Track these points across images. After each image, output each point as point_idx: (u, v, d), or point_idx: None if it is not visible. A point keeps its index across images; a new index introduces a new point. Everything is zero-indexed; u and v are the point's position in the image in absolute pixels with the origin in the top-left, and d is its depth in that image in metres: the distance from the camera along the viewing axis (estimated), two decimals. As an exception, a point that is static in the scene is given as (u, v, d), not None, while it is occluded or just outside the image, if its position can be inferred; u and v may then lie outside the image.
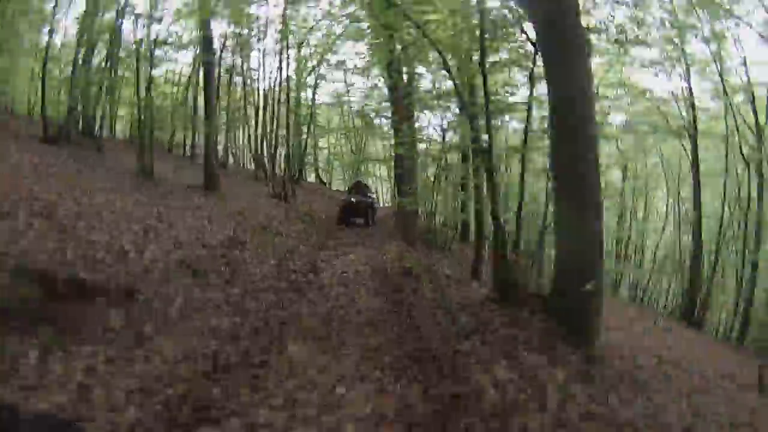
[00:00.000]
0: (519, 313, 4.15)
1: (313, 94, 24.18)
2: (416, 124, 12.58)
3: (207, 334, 3.45)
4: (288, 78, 19.84)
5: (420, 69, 11.65)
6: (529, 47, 5.69)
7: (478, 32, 5.37)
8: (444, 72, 7.11)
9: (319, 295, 5.31)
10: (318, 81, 23.86)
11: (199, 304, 4.05)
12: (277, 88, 20.29)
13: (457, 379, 3.01)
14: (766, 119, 12.82)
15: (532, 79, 5.81)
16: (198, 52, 14.98)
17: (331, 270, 7.16)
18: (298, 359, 3.15)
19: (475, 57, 5.90)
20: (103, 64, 16.32)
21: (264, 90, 21.88)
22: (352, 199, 15.53)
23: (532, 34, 5.25)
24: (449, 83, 8.77)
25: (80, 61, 14.61)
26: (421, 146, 13.17)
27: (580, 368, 3.57)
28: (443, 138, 11.80)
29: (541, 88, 5.42)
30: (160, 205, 8.16)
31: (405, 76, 12.34)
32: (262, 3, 16.21)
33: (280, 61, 20.69)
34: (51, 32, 17.18)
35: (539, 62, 4.98)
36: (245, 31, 18.01)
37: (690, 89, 14.84)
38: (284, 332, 3.74)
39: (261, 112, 21.63)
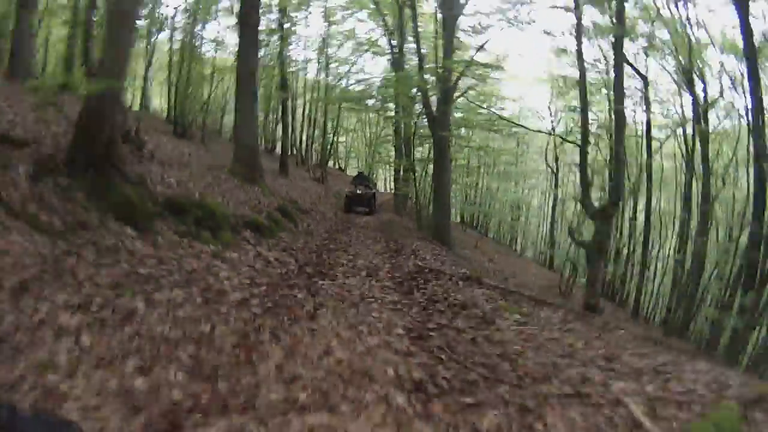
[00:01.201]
0: (424, 234, 13.51)
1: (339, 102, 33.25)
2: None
3: (330, 224, 12.74)
4: (326, 87, 28.94)
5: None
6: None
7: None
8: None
9: (355, 225, 14.57)
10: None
11: (320, 219, 13.36)
12: (314, 98, 29.57)
13: (399, 242, 12.32)
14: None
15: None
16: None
17: (357, 221, 16.46)
18: (355, 233, 12.44)
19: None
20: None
21: (305, 96, 31.13)
22: (358, 190, 19.12)
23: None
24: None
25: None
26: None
27: (441, 248, 12.80)
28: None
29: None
30: (276, 182, 17.47)
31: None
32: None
33: (318, 71, 29.87)
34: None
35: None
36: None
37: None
38: (350, 228, 13.04)
39: (301, 113, 30.99)
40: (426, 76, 13.09)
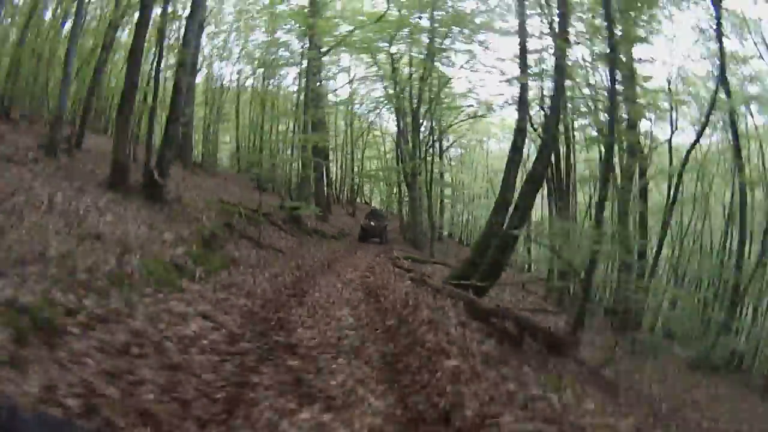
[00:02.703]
0: (409, 242, 28.51)
1: (362, 152, 48.56)
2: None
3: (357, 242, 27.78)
4: (352, 141, 44.27)
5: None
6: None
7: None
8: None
9: (372, 240, 29.43)
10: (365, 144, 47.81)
11: (354, 236, 28.36)
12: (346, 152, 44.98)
13: (391, 245, 27.13)
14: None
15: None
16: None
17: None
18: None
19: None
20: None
21: (336, 152, 46.59)
22: (372, 223, 25.66)
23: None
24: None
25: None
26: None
27: (413, 248, 27.58)
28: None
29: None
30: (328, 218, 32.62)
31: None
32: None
33: (346, 128, 45.05)
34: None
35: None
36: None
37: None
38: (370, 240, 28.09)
39: (334, 162, 46.39)
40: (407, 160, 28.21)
